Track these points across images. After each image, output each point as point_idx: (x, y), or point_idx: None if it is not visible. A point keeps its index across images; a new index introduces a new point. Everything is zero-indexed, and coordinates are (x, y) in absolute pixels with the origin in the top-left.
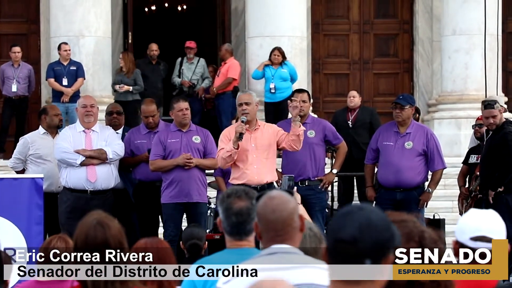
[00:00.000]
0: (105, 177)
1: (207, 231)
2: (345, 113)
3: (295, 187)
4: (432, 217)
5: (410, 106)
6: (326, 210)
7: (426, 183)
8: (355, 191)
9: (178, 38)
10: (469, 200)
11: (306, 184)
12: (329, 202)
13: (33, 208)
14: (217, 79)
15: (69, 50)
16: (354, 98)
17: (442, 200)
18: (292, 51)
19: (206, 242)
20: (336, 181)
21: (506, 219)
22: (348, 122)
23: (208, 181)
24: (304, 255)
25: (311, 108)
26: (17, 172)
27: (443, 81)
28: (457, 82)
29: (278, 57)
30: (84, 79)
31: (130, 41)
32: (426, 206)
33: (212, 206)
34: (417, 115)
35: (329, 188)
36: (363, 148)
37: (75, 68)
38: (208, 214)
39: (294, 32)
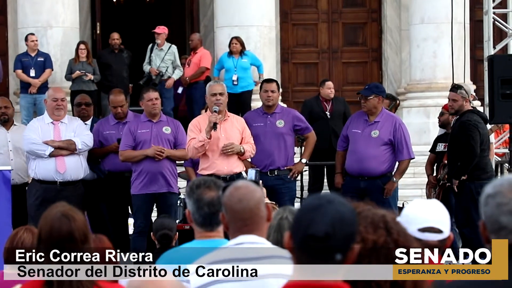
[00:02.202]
0: (74, 167)
1: (177, 221)
2: (319, 103)
3: (261, 180)
4: (401, 205)
5: (375, 95)
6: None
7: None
8: (325, 180)
9: (146, 29)
10: (437, 188)
11: (276, 173)
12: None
13: (1, 200)
14: (187, 68)
15: (36, 41)
16: (333, 89)
17: (412, 189)
18: (261, 41)
19: (177, 233)
20: (305, 171)
21: (471, 207)
22: (326, 112)
23: (178, 171)
24: (272, 246)
25: (280, 97)
26: None
27: (411, 70)
28: (425, 70)
29: (236, 45)
30: (52, 70)
31: (98, 31)
32: (390, 195)
33: (182, 196)
34: (397, 102)
35: (298, 178)
36: None
37: (42, 59)
38: (178, 204)
39: (263, 21)
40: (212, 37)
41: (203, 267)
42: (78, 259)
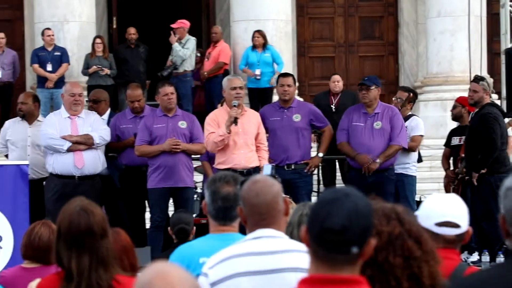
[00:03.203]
0: (92, 162)
1: (194, 215)
2: (328, 97)
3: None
4: (418, 199)
5: (376, 86)
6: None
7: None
8: (338, 174)
9: (163, 22)
10: (455, 182)
11: (292, 168)
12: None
13: (18, 195)
14: (207, 62)
15: (53, 35)
16: (339, 83)
17: (428, 182)
18: (277, 35)
19: (194, 227)
20: (321, 165)
21: (490, 201)
22: (332, 106)
23: (194, 166)
24: (289, 240)
25: (296, 91)
26: (6, 156)
27: (428, 64)
28: (442, 64)
29: (258, 38)
30: (69, 64)
31: (114, 26)
32: (369, 173)
33: (199, 190)
34: (411, 95)
35: (315, 172)
36: None
37: (59, 53)
38: (195, 199)
39: (279, 15)
40: (228, 31)
41: (222, 261)
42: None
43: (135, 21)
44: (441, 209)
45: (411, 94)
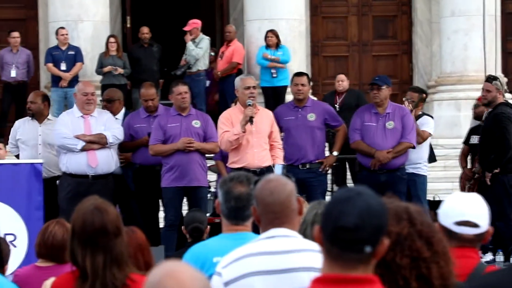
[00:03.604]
0: (106, 161)
1: (207, 215)
2: (333, 96)
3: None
4: (432, 199)
5: (387, 86)
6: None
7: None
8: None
9: (177, 21)
10: (471, 181)
11: (307, 167)
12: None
13: (32, 193)
14: (220, 61)
15: (67, 34)
16: (343, 82)
17: (442, 182)
18: (291, 34)
19: (208, 226)
20: (336, 164)
21: (504, 200)
22: (336, 105)
23: (208, 165)
24: (303, 239)
25: (310, 91)
26: (16, 157)
27: (442, 63)
28: (456, 63)
29: (272, 38)
30: (83, 63)
31: (128, 25)
32: (375, 167)
33: (212, 190)
34: (424, 95)
35: (330, 171)
36: None
37: (73, 52)
38: (208, 198)
39: (293, 15)
40: (242, 30)
41: (235, 260)
42: (111, 252)
43: (149, 20)
44: (461, 208)
45: (424, 95)
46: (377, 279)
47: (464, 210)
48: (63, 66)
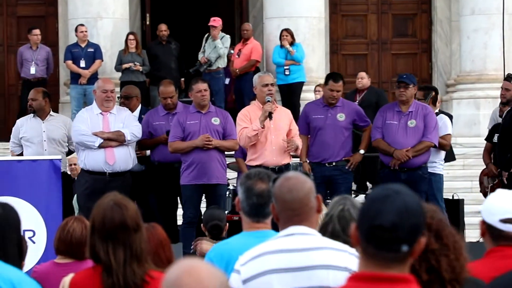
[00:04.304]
0: (124, 159)
1: (226, 212)
2: (354, 94)
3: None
4: (451, 198)
5: (413, 85)
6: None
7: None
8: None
9: (196, 19)
10: (495, 181)
11: (334, 164)
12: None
13: (51, 190)
14: (237, 59)
15: (86, 31)
16: (362, 80)
17: (461, 181)
18: (310, 32)
19: (227, 224)
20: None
21: None
22: (355, 102)
23: (227, 163)
24: (322, 237)
25: None
26: (17, 155)
27: (461, 61)
28: (476, 62)
29: (286, 37)
30: (102, 61)
31: (147, 22)
32: (394, 166)
33: (231, 187)
34: (434, 93)
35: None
36: None
37: (92, 50)
38: (227, 195)
39: (312, 12)
40: (261, 28)
41: (254, 258)
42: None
43: (168, 18)
44: (506, 205)
45: (433, 93)
46: (413, 278)
47: (509, 207)
48: (82, 63)
